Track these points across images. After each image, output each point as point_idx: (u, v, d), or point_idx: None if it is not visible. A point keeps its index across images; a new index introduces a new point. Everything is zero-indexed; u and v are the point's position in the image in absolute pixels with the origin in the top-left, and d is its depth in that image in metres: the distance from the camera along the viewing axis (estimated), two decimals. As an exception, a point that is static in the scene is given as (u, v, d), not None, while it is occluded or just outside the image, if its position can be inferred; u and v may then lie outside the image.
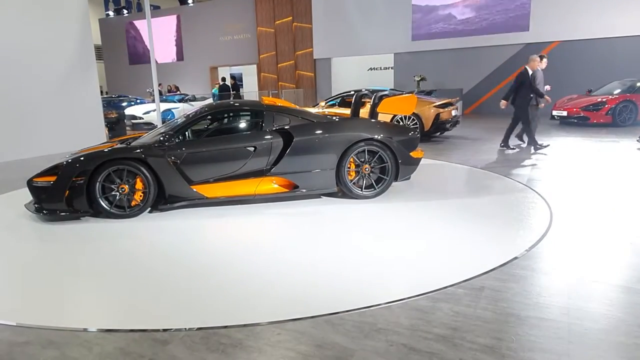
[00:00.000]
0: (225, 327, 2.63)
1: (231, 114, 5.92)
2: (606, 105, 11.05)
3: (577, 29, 14.75)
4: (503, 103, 8.45)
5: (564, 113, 11.76)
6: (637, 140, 8.39)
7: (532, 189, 5.52)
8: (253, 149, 5.08)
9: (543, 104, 8.39)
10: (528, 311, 2.69)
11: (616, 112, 11.05)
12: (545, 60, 8.42)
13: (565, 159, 7.51)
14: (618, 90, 11.65)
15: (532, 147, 8.34)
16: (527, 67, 8.27)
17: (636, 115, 10.92)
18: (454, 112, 10.20)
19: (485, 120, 14.27)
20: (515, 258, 3.49)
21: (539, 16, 15.32)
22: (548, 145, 8.49)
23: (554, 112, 12.11)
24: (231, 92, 17.56)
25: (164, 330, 2.62)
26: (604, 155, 7.69)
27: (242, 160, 5.07)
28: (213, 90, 18.39)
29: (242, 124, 5.75)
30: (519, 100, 8.26)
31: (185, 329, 2.63)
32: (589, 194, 5.37)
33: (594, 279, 3.11)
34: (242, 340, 2.49)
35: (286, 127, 5.22)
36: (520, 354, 2.28)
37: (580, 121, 11.47)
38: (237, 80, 19.78)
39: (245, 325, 2.64)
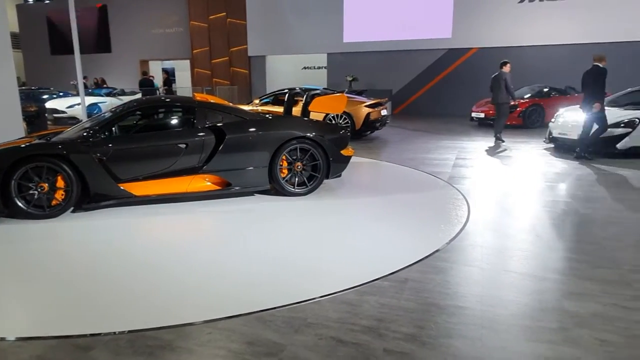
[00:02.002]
0: (155, 329, 2.53)
1: (161, 110, 5.70)
2: (518, 109, 11.86)
3: (493, 37, 15.71)
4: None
5: (482, 115, 12.47)
6: (544, 141, 9.09)
7: (452, 186, 5.82)
8: (184, 146, 4.92)
9: (512, 102, 9.73)
10: (447, 300, 2.84)
11: (526, 115, 11.90)
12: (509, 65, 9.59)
13: (482, 158, 7.98)
14: (528, 95, 12.54)
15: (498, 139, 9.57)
16: (502, 70, 9.41)
17: (543, 118, 11.81)
18: (383, 112, 10.49)
19: (413, 120, 14.81)
20: (437, 251, 3.66)
21: (459, 24, 16.13)
22: (504, 141, 9.54)
23: (473, 114, 12.81)
24: (162, 87, 16.88)
25: (91, 335, 2.48)
26: (516, 155, 8.26)
27: (173, 158, 4.90)
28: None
29: (173, 121, 5.56)
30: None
31: (115, 332, 2.50)
32: (501, 191, 5.75)
33: (505, 269, 3.34)
34: (171, 341, 2.42)
35: (219, 125, 5.11)
36: (439, 340, 2.40)
37: (495, 123, 12.21)
38: (169, 75, 19.05)
39: (175, 326, 2.56)
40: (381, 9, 17.15)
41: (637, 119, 7.53)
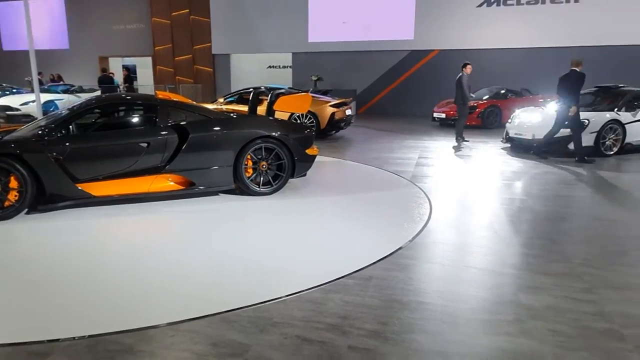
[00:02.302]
0: (117, 332, 2.46)
1: (122, 108, 5.53)
2: (477, 109, 12.21)
3: (454, 39, 16.11)
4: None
5: (443, 115, 12.77)
6: (501, 141, 9.40)
7: (415, 185, 5.93)
8: (146, 145, 4.79)
9: (470, 103, 9.96)
10: (410, 296, 2.89)
11: (485, 116, 12.27)
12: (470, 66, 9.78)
13: (443, 158, 8.18)
14: (486, 96, 12.93)
15: (459, 138, 9.73)
16: (463, 71, 9.54)
17: (501, 119, 12.20)
18: (348, 112, 10.57)
19: (377, 120, 14.99)
20: (400, 248, 3.72)
21: (421, 26, 16.45)
22: (468, 141, 9.78)
23: (435, 114, 13.10)
24: (123, 85, 16.38)
25: (49, 341, 2.38)
26: (475, 154, 8.50)
27: (134, 157, 4.77)
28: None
29: (134, 119, 5.41)
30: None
31: (74, 338, 2.41)
32: (462, 189, 5.91)
33: (465, 265, 3.44)
34: (132, 345, 2.35)
35: (182, 123, 5.01)
36: (402, 336, 2.44)
37: (456, 123, 12.53)
38: (130, 72, 18.50)
39: (137, 330, 2.49)
40: (345, 9, 17.27)
41: (586, 120, 7.89)
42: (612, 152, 8.03)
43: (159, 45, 20.53)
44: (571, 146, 7.87)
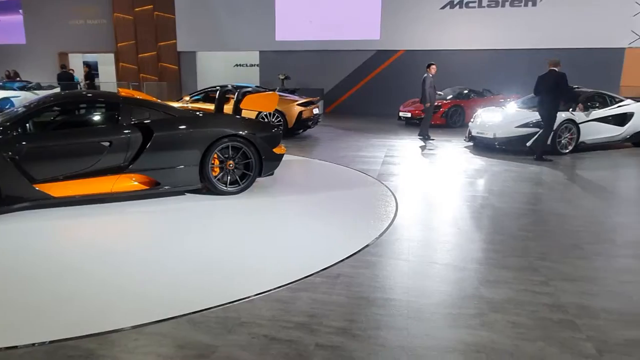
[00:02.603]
0: (78, 337, 2.38)
1: (82, 106, 5.35)
2: (441, 109, 12.46)
3: (418, 40, 16.38)
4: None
5: (408, 114, 12.97)
6: (464, 140, 9.63)
7: (382, 183, 6.00)
8: (108, 143, 4.65)
9: (428, 104, 10.03)
10: (376, 293, 2.93)
11: (449, 115, 12.54)
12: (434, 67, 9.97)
13: (409, 156, 8.31)
14: (450, 96, 13.21)
15: (425, 137, 10.06)
16: (427, 71, 9.79)
17: (464, 118, 12.50)
18: (315, 111, 10.58)
19: (344, 119, 15.07)
20: (367, 246, 3.76)
21: (387, 26, 16.65)
22: (434, 139, 10.03)
23: (400, 114, 13.28)
24: (84, 82, 15.82)
25: (6, 348, 2.28)
26: (439, 153, 8.69)
27: (96, 156, 4.62)
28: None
29: (96, 117, 5.24)
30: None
31: (34, 344, 2.31)
32: (427, 187, 6.02)
33: (430, 261, 3.51)
34: (93, 350, 2.28)
35: (146, 122, 4.89)
36: (369, 332, 2.47)
37: (421, 122, 12.75)
38: (92, 69, 17.88)
39: (100, 334, 2.42)
40: (312, 9, 17.27)
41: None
42: (567, 151, 8.36)
43: (122, 41, 19.94)
44: (529, 144, 8.15)
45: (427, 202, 5.32)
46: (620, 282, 3.14)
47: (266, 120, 9.62)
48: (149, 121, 4.89)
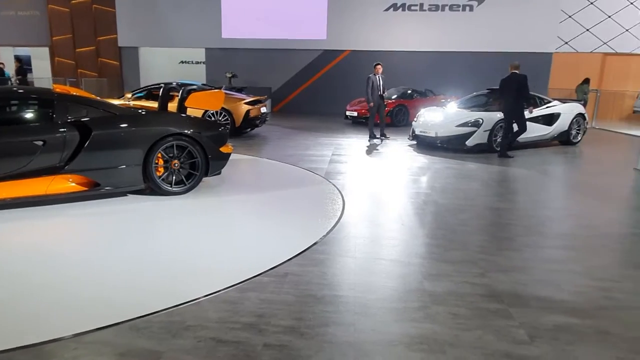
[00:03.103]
0: (11, 350, 2.21)
1: (13, 102, 4.98)
2: (386, 108, 12.72)
3: (364, 41, 16.65)
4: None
5: (355, 114, 13.15)
6: (408, 138, 9.91)
7: (329, 181, 6.05)
8: (42, 143, 4.37)
9: (372, 104, 10.09)
10: (324, 290, 2.95)
11: (393, 114, 12.84)
12: (380, 67, 10.09)
13: (356, 155, 8.43)
14: (395, 96, 13.53)
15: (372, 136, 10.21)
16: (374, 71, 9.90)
17: (408, 117, 12.85)
18: (263, 110, 10.49)
19: (292, 118, 15.05)
20: (315, 244, 3.77)
21: (333, 26, 16.79)
22: (379, 138, 10.26)
23: (347, 113, 13.45)
24: (15, 77, 14.75)
25: None
26: (385, 151, 8.88)
27: (28, 156, 4.33)
28: None
29: (28, 114, 4.90)
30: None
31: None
32: (373, 184, 6.14)
33: (376, 257, 3.57)
34: (27, 362, 2.14)
35: (83, 120, 4.64)
36: (316, 329, 2.48)
37: (367, 121, 12.97)
38: (23, 64, 16.71)
39: (35, 345, 2.27)
40: (259, 7, 17.09)
41: (481, 119, 8.59)
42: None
43: (57, 35, 18.79)
44: (468, 142, 8.51)
45: (373, 199, 5.42)
46: (548, 271, 3.35)
47: (213, 119, 9.43)
48: (87, 119, 4.64)
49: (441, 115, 9.16)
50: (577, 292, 3.01)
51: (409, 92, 13.89)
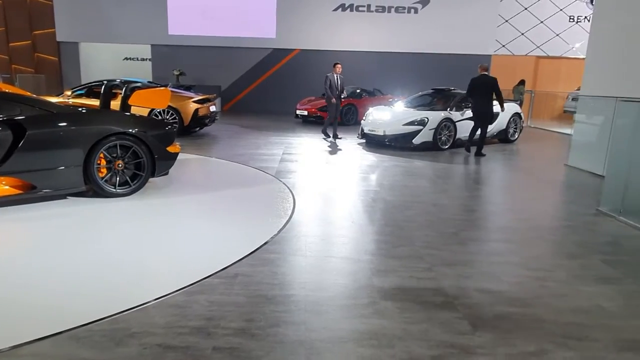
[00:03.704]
0: None
1: None
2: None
3: (313, 40, 16.70)
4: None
5: (305, 112, 13.17)
6: (357, 137, 10.03)
7: (280, 180, 6.01)
8: (-30, 144, 4.04)
9: (333, 100, 9.93)
10: (275, 290, 2.92)
11: (343, 113, 12.95)
12: (339, 66, 9.94)
13: (306, 153, 8.43)
14: (344, 95, 13.64)
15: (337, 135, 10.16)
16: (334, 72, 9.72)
17: (357, 117, 13.02)
18: (212, 108, 10.26)
19: (242, 117, 14.84)
20: (266, 243, 3.73)
21: (282, 25, 16.71)
22: (340, 138, 10.13)
23: (297, 112, 13.44)
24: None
25: None
26: (335, 149, 8.94)
27: (-46, 158, 3.98)
28: None
29: (-47, 113, 4.51)
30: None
31: None
32: (323, 183, 6.16)
33: (326, 255, 3.58)
34: (-48, 381, 1.96)
35: (17, 118, 4.33)
36: (267, 330, 2.45)
37: (317, 120, 13.03)
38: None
39: (-41, 361, 2.09)
40: (207, 3, 16.70)
41: (426, 118, 8.84)
42: (446, 147, 9.12)
43: (-12, 27, 17.47)
44: (415, 141, 8.74)
45: (324, 197, 5.44)
46: (490, 264, 3.50)
47: (160, 117, 9.12)
48: (21, 118, 4.34)
49: (389, 115, 9.35)
50: (516, 283, 3.16)
51: (358, 91, 14.08)
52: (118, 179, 4.84)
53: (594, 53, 7.56)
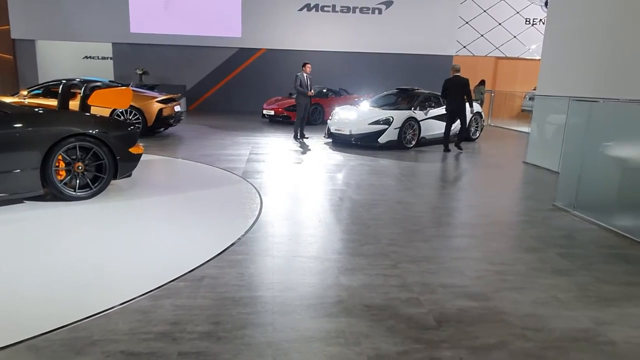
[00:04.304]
0: None
1: None
2: (303, 107, 12.80)
3: (279, 40, 16.62)
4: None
5: (272, 112, 13.09)
6: (324, 136, 10.06)
7: (246, 180, 5.95)
8: None
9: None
10: (242, 292, 2.88)
11: (309, 113, 12.94)
12: (308, 66, 9.95)
13: (273, 153, 8.38)
14: (312, 95, 13.65)
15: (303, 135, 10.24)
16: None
17: (323, 116, 13.06)
18: (177, 108, 10.05)
19: (208, 116, 14.61)
20: (233, 244, 3.68)
21: (248, 25, 16.55)
22: (308, 137, 10.19)
23: (264, 112, 13.35)
24: None
25: None
26: (302, 149, 8.93)
27: None
28: None
29: None
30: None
31: None
32: (290, 182, 6.14)
33: (294, 255, 3.57)
34: None
35: (-33, 120, 4.10)
36: (234, 332, 2.42)
37: (284, 119, 12.99)
38: None
39: None
40: (171, 1, 16.33)
41: (391, 117, 8.96)
42: (411, 145, 9.28)
43: None
44: (380, 140, 8.85)
45: (291, 197, 5.42)
46: (453, 259, 3.57)
47: (123, 118, 8.86)
48: (-29, 119, 4.12)
49: (355, 114, 9.42)
50: (478, 277, 3.25)
51: (324, 91, 14.12)
52: (78, 181, 4.67)
53: (548, 54, 7.86)
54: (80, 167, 4.65)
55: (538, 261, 3.59)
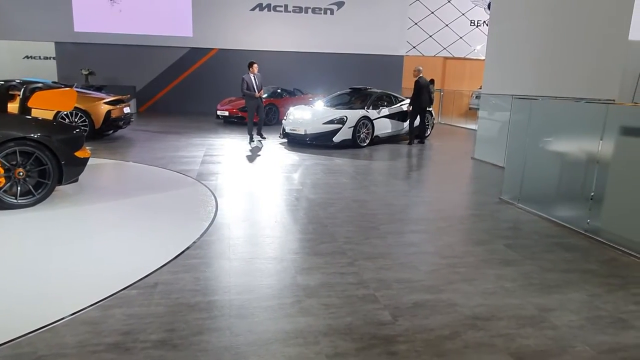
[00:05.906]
0: None
1: None
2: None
3: (231, 40, 16.36)
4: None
5: (226, 113, 12.88)
6: (279, 136, 10.00)
7: (201, 183, 5.81)
8: None
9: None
10: (197, 297, 2.81)
11: (265, 113, 12.85)
12: (255, 65, 9.64)
13: (228, 154, 8.24)
14: (265, 95, 13.53)
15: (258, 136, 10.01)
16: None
17: (278, 116, 12.98)
18: (126, 110, 9.68)
19: (160, 118, 14.17)
20: (188, 248, 3.59)
21: (199, 24, 16.18)
22: (265, 138, 10.02)
23: (218, 112, 13.10)
24: None
25: None
26: (257, 149, 8.84)
27: None
28: None
29: None
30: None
31: None
32: (246, 184, 6.06)
33: (251, 256, 3.52)
34: None
35: None
36: (190, 339, 2.35)
37: (238, 120, 12.81)
38: None
39: None
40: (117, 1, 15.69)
41: (345, 117, 9.04)
42: (365, 144, 9.40)
43: None
44: (335, 139, 8.91)
45: (247, 198, 5.35)
46: (407, 255, 3.65)
47: (68, 120, 8.43)
48: None
49: (309, 114, 9.43)
50: (431, 271, 3.33)
51: (279, 91, 14.05)
52: (20, 188, 4.39)
53: (491, 54, 8.19)
54: (21, 173, 4.37)
55: (487, 253, 3.73)
